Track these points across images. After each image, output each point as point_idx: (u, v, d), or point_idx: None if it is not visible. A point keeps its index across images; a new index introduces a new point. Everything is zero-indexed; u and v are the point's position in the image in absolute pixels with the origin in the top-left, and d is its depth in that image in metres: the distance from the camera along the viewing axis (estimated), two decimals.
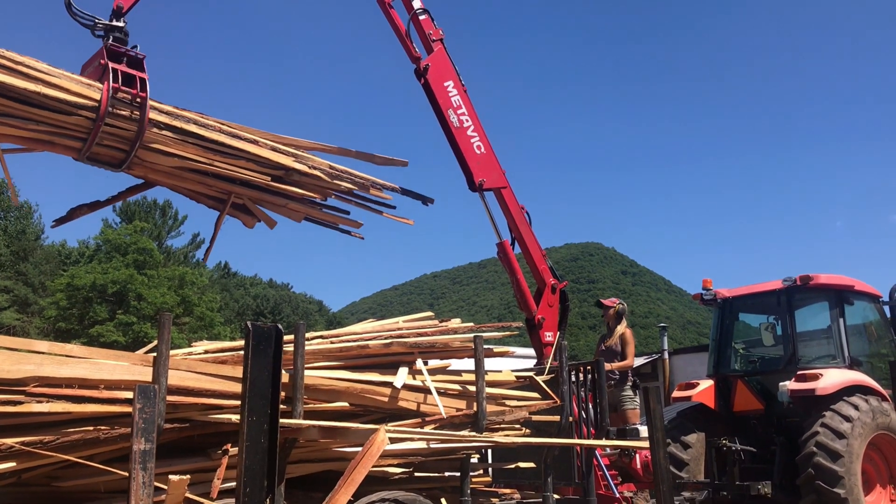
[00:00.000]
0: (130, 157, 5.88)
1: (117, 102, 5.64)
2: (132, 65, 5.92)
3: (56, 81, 5.40)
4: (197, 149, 6.08)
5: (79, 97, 5.50)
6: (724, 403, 9.35)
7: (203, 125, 6.11)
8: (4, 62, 5.19)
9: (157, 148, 5.93)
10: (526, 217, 7.99)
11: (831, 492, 7.63)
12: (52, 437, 4.12)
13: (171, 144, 5.96)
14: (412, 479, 5.89)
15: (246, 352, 2.46)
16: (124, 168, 6.03)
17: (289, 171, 6.55)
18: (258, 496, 2.37)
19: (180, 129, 5.96)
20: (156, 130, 5.84)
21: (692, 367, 17.14)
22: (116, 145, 5.84)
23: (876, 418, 8.13)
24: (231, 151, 6.24)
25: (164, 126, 5.88)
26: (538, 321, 7.77)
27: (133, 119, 5.72)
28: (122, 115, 5.68)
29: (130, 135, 5.78)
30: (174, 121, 5.95)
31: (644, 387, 5.05)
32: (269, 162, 6.43)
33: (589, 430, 6.73)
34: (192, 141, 6.04)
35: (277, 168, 6.50)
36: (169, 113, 5.97)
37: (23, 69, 5.25)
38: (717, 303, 9.80)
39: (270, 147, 6.46)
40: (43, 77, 5.33)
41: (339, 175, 6.88)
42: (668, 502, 4.67)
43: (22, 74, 5.25)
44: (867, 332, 9.53)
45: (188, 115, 6.12)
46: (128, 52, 5.96)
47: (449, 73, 7.83)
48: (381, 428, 4.63)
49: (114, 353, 4.66)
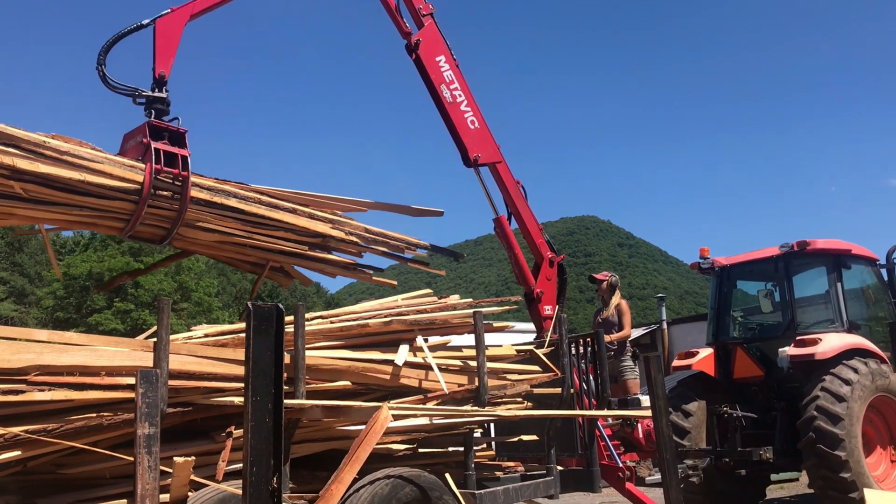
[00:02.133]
0: (172, 236, 5.90)
1: (160, 182, 5.62)
2: (174, 140, 5.90)
3: (99, 167, 5.37)
4: (237, 223, 6.08)
5: (122, 181, 5.48)
6: (724, 371, 9.39)
7: (243, 198, 6.08)
8: (49, 153, 5.17)
9: (198, 225, 5.94)
10: (522, 191, 7.96)
11: (832, 454, 7.69)
12: (55, 424, 4.12)
13: (211, 221, 5.97)
14: (416, 455, 5.91)
15: (248, 332, 2.45)
16: (165, 244, 6.06)
17: (326, 238, 6.59)
18: (265, 476, 2.37)
19: (221, 204, 5.95)
20: (196, 208, 5.83)
21: (691, 337, 17.23)
22: (158, 224, 5.84)
23: (875, 381, 8.18)
24: (270, 223, 6.25)
25: (204, 203, 5.87)
26: (537, 295, 7.77)
27: (174, 198, 5.72)
28: (164, 195, 5.67)
29: (172, 214, 5.77)
30: (215, 196, 5.91)
31: (645, 356, 5.06)
32: (307, 231, 6.46)
33: (590, 402, 6.76)
34: (232, 215, 6.04)
35: (315, 236, 6.55)
36: (210, 188, 5.93)
37: (67, 158, 5.25)
38: (715, 271, 9.81)
39: (308, 215, 6.48)
40: (87, 164, 5.31)
41: (374, 239, 6.95)
42: (671, 470, 4.69)
43: (66, 164, 5.25)
44: (865, 295, 9.55)
45: (228, 188, 6.08)
46: (170, 128, 5.93)
47: (440, 47, 7.75)
48: (384, 405, 4.63)
49: (114, 340, 4.65)
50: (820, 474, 7.85)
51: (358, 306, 6.40)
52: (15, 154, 5.00)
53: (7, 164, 4.96)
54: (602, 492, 7.27)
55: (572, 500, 10.79)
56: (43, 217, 5.53)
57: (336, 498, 4.39)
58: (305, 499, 4.74)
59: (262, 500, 2.39)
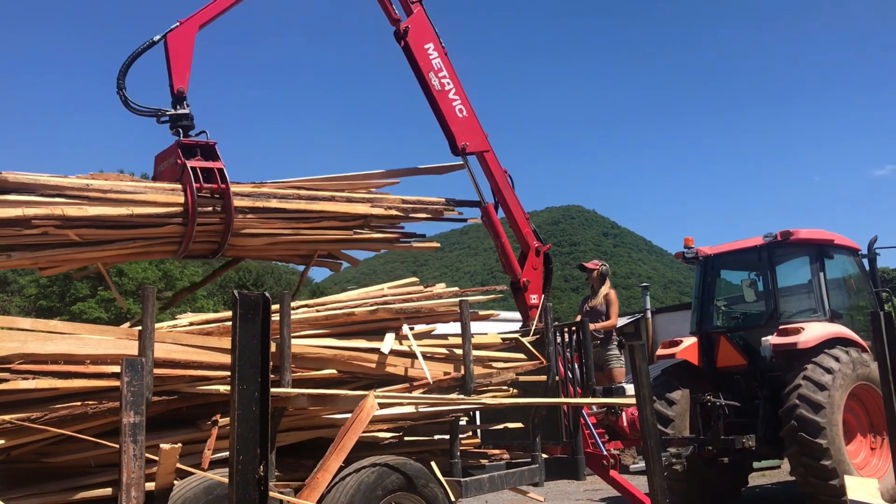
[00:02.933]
0: (223, 248, 5.93)
1: (202, 200, 5.63)
2: (206, 154, 5.90)
3: (143, 198, 5.41)
4: (281, 222, 6.10)
5: (167, 207, 5.51)
6: (708, 360, 9.46)
7: (282, 197, 6.10)
8: (94, 194, 5.20)
9: (245, 232, 5.95)
10: (509, 181, 7.95)
11: (814, 442, 7.77)
12: (39, 413, 4.11)
13: (257, 226, 5.99)
14: (402, 443, 5.94)
15: (234, 321, 2.45)
16: (218, 257, 6.12)
17: (367, 218, 6.59)
18: (252, 464, 2.38)
19: (263, 208, 5.96)
20: (241, 216, 5.84)
21: (675, 326, 17.31)
22: (208, 239, 5.87)
23: (856, 369, 8.26)
24: (313, 215, 6.26)
25: (248, 210, 5.88)
26: (523, 284, 7.79)
27: (218, 211, 5.74)
28: (208, 210, 5.69)
29: (219, 227, 5.78)
30: (256, 202, 5.93)
31: (630, 345, 5.09)
32: (349, 215, 6.47)
33: (575, 390, 6.80)
34: (276, 216, 6.06)
35: (357, 218, 6.55)
36: (250, 195, 5.95)
37: (112, 196, 5.27)
38: (699, 261, 9.85)
39: (346, 199, 6.49)
40: (131, 198, 5.34)
41: (413, 208, 6.99)
42: (655, 458, 4.73)
43: (112, 201, 5.27)
44: (847, 285, 9.64)
45: (267, 189, 6.11)
46: (199, 143, 5.94)
47: (429, 35, 7.70)
48: (369, 394, 4.65)
49: (98, 328, 4.65)
50: (801, 462, 7.94)
51: (343, 295, 6.40)
52: (63, 203, 5.04)
53: (58, 214, 5.00)
54: (586, 479, 7.34)
55: (557, 488, 10.88)
56: (100, 257, 5.58)
57: (322, 486, 4.42)
58: (291, 487, 4.75)
59: (249, 489, 2.40)
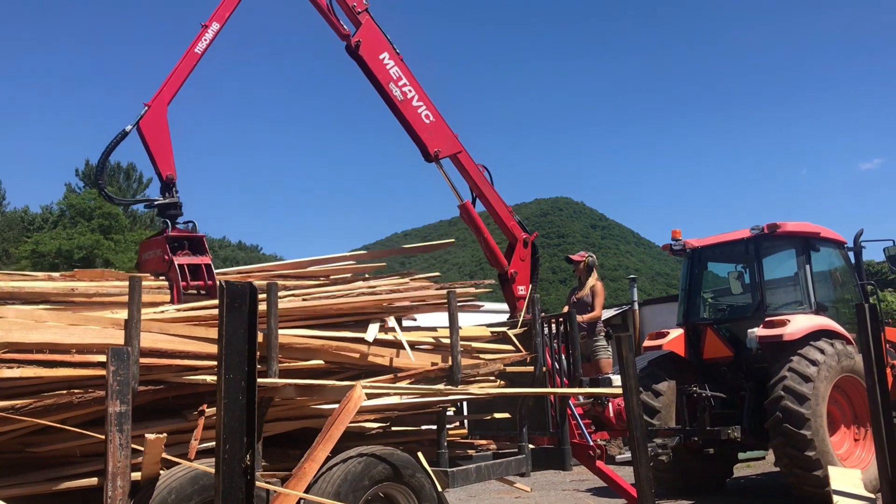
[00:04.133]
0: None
1: (188, 298, 5.55)
2: (193, 247, 5.86)
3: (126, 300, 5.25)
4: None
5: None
6: (694, 351, 9.51)
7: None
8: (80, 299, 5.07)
9: None
10: (486, 176, 7.87)
11: (798, 433, 7.84)
12: (24, 402, 4.08)
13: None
14: (389, 433, 5.94)
15: (221, 310, 2.44)
16: None
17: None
18: (238, 453, 2.37)
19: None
20: None
21: (662, 318, 17.42)
22: None
23: (841, 361, 8.33)
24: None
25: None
26: (511, 275, 7.78)
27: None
28: None
29: None
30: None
31: (617, 336, 5.12)
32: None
33: (562, 381, 6.82)
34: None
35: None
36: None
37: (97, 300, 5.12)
38: (686, 253, 9.89)
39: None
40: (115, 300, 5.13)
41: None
42: (641, 449, 4.75)
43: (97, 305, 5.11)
44: (832, 277, 9.70)
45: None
46: (187, 235, 5.93)
47: (382, 44, 7.41)
48: (357, 384, 4.64)
49: (84, 317, 4.61)
50: (786, 453, 8.01)
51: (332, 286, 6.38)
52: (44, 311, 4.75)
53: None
54: (573, 470, 7.37)
55: (543, 478, 10.92)
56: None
57: (309, 476, 4.41)
58: (279, 477, 4.74)
59: (235, 478, 2.39)
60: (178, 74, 6.34)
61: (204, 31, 6.51)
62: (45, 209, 46.44)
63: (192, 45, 6.45)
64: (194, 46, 6.44)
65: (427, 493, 5.27)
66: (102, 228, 37.15)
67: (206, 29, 6.52)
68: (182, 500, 4.28)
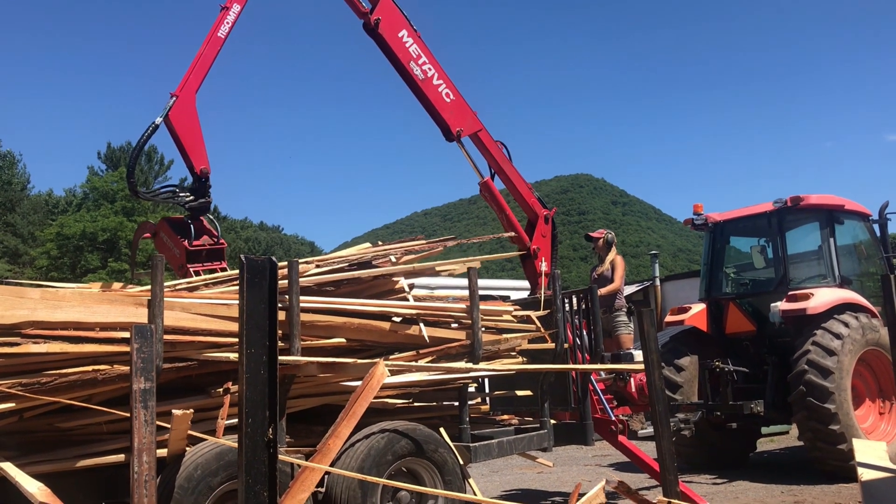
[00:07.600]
0: None
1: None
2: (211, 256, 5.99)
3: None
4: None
5: None
6: (717, 326, 9.46)
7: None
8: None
9: None
10: (505, 153, 7.83)
11: (822, 407, 7.79)
12: (49, 377, 4.14)
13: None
14: (412, 409, 5.97)
15: (241, 285, 2.45)
16: None
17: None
18: (261, 426, 2.39)
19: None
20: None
21: (684, 293, 17.31)
22: None
23: (865, 335, 8.25)
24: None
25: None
26: (533, 252, 7.77)
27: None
28: None
29: None
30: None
31: (638, 310, 5.09)
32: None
33: (584, 357, 6.81)
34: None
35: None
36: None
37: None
38: (708, 227, 9.82)
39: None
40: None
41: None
42: (663, 424, 4.73)
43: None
44: (857, 250, 9.59)
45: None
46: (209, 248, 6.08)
47: (400, 22, 7.33)
48: (379, 361, 4.66)
49: (107, 296, 4.65)
50: (809, 427, 7.97)
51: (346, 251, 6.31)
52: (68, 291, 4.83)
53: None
54: (595, 445, 7.38)
55: (566, 454, 10.96)
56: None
57: (333, 451, 4.44)
58: (303, 452, 4.79)
59: (258, 451, 2.42)
60: (203, 61, 6.25)
61: (225, 13, 6.42)
62: (69, 192, 46.90)
63: (213, 29, 6.36)
64: (217, 30, 6.35)
65: (450, 468, 5.30)
66: (125, 210, 37.45)
67: (228, 11, 6.43)
68: (208, 476, 4.34)
